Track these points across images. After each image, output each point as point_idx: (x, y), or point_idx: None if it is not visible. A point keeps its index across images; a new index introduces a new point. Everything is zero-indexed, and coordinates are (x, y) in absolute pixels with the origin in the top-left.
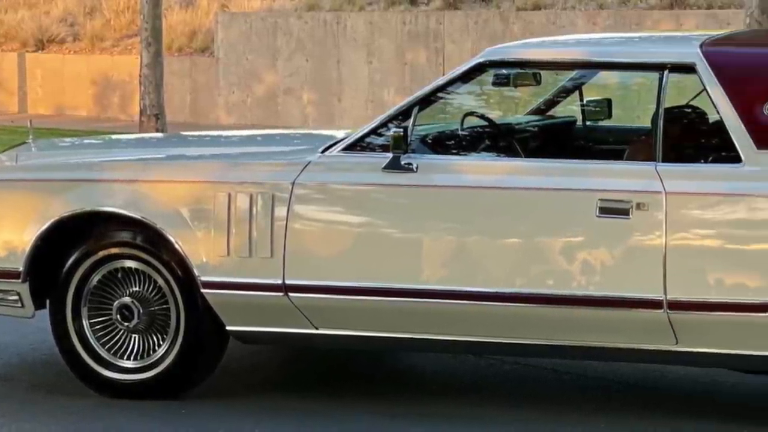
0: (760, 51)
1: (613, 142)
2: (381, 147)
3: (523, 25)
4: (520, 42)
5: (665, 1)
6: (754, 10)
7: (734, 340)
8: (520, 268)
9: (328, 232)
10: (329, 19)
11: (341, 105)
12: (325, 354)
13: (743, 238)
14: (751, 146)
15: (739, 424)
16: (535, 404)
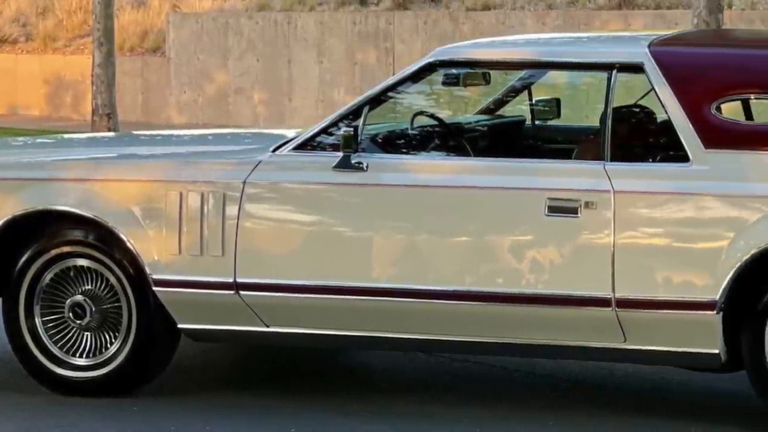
0: (708, 51)
1: (561, 142)
2: (331, 146)
3: (473, 26)
4: (470, 42)
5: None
6: (702, 11)
7: (682, 338)
8: (469, 266)
9: (279, 231)
10: (280, 20)
11: (292, 104)
12: (277, 351)
13: (691, 236)
14: (698, 145)
15: (686, 422)
16: (485, 401)
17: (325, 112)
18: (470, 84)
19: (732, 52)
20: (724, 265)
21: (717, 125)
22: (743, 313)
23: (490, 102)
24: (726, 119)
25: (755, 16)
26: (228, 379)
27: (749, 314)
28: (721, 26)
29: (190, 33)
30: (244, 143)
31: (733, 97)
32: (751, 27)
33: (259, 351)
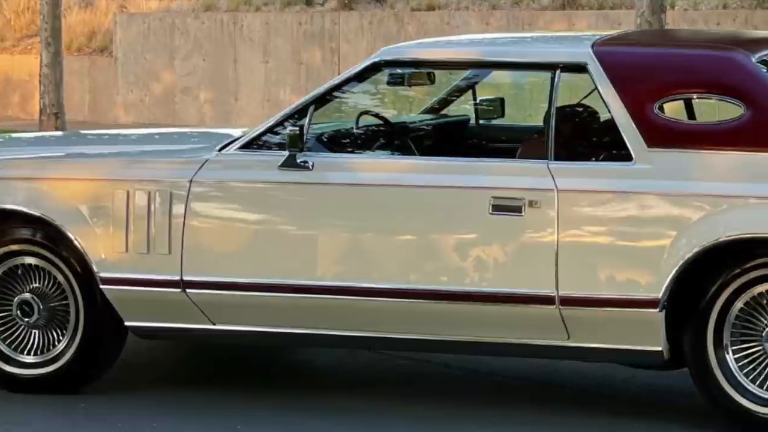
0: (651, 51)
1: (506, 141)
2: (277, 145)
3: (418, 26)
4: (415, 42)
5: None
6: (645, 11)
7: (625, 336)
8: (414, 264)
9: (225, 229)
10: (226, 20)
11: (238, 104)
12: (223, 349)
13: (634, 235)
14: (641, 145)
15: (630, 418)
16: (428, 399)
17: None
18: (415, 83)
19: (674, 52)
20: (667, 264)
21: (659, 124)
22: (686, 310)
23: (434, 101)
24: (668, 118)
25: (697, 16)
26: (174, 376)
27: (692, 312)
28: (663, 26)
29: (137, 33)
30: (190, 142)
31: (676, 97)
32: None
33: (206, 348)
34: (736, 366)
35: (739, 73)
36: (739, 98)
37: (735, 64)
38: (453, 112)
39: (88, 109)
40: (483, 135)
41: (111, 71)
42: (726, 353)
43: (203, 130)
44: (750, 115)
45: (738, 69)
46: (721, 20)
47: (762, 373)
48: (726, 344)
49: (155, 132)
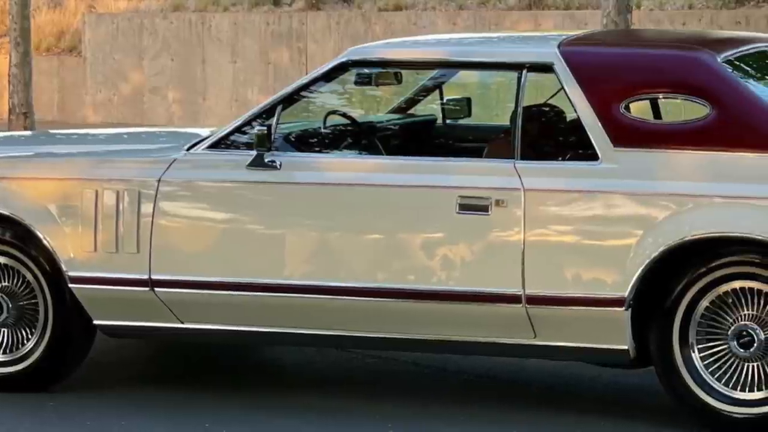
0: (617, 51)
1: (472, 140)
2: (245, 145)
3: (385, 26)
4: (382, 42)
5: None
6: (611, 11)
7: (591, 335)
8: (381, 263)
9: (194, 229)
10: (194, 20)
11: (206, 104)
12: (192, 348)
13: (600, 234)
14: (607, 144)
15: (596, 417)
16: (397, 397)
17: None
18: (382, 83)
19: (640, 52)
20: (633, 263)
21: (626, 124)
22: (652, 309)
23: (401, 101)
24: (634, 118)
25: (663, 16)
26: (143, 375)
27: (657, 311)
28: (629, 26)
29: (106, 33)
30: (159, 142)
31: (642, 97)
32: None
33: (174, 347)
34: (702, 364)
35: (704, 73)
36: (704, 98)
37: (700, 64)
38: (420, 112)
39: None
40: (450, 134)
41: (80, 71)
42: (692, 352)
43: (171, 130)
44: (715, 114)
45: (703, 69)
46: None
47: (727, 371)
48: (692, 343)
49: (124, 132)
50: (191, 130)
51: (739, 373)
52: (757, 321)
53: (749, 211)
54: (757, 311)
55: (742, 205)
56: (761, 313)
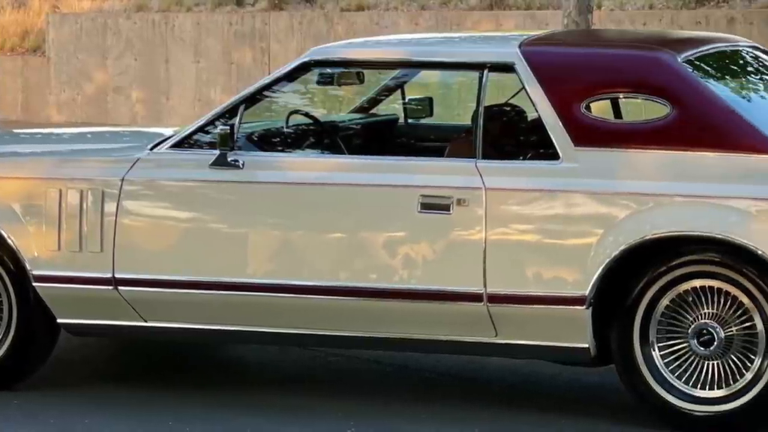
0: (577, 51)
1: (434, 140)
2: (208, 144)
3: (347, 26)
4: (344, 42)
5: (485, 2)
6: (572, 11)
7: (552, 333)
8: (344, 262)
9: (157, 227)
10: (158, 20)
11: (169, 103)
12: (155, 346)
13: (561, 233)
14: (568, 144)
15: (556, 415)
16: (359, 395)
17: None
18: (344, 83)
19: (601, 52)
20: (594, 261)
21: (586, 124)
22: (612, 308)
23: (363, 101)
24: (595, 118)
25: (624, 17)
26: (107, 373)
27: (618, 309)
28: (590, 26)
29: (70, 33)
30: (122, 141)
31: (602, 96)
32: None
33: (138, 345)
34: (662, 363)
35: (665, 72)
36: (665, 98)
37: (661, 64)
38: (382, 112)
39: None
40: (412, 134)
41: (44, 71)
42: (652, 350)
43: (135, 129)
44: (676, 114)
45: (664, 69)
46: (648, 20)
47: (688, 369)
48: (652, 341)
49: (87, 131)
50: (155, 130)
51: (699, 371)
52: (717, 319)
53: (709, 210)
54: (717, 310)
55: (702, 204)
56: (721, 312)
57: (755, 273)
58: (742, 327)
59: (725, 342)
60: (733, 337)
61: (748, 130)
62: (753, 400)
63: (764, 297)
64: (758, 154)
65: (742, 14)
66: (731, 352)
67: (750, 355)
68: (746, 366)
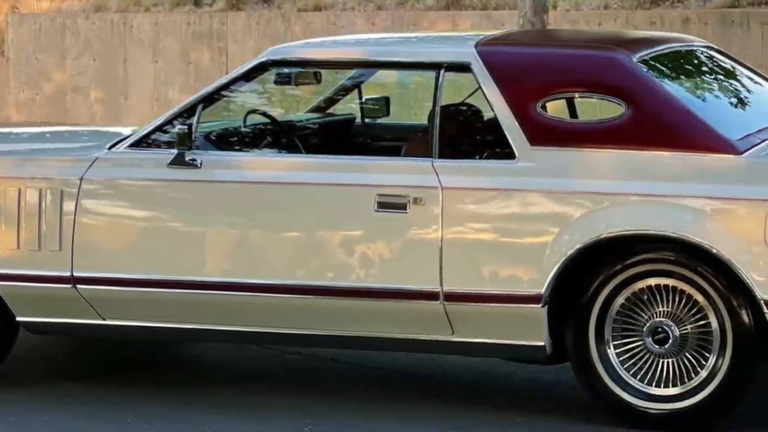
0: (533, 50)
1: (391, 139)
2: (166, 144)
3: (304, 26)
4: (302, 42)
5: (441, 2)
6: (528, 11)
7: (508, 331)
8: (301, 260)
9: (115, 226)
10: (116, 20)
11: (128, 103)
12: (115, 344)
13: (517, 232)
14: (524, 143)
15: (512, 412)
16: (316, 393)
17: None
18: (302, 83)
19: (556, 52)
20: (550, 260)
21: (542, 123)
22: (568, 306)
23: (320, 100)
24: (551, 117)
25: (579, 17)
26: (66, 371)
27: (574, 308)
28: (546, 26)
29: (29, 33)
30: (81, 140)
31: (558, 96)
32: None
33: (97, 343)
34: (618, 361)
35: (620, 72)
36: (620, 97)
37: (616, 64)
38: (339, 111)
39: None
40: (368, 133)
41: (3, 71)
42: (607, 348)
43: (94, 129)
44: (631, 114)
45: (619, 69)
46: (603, 21)
47: (643, 367)
48: (607, 339)
49: (47, 130)
50: (113, 129)
51: (654, 369)
52: (671, 318)
53: (664, 209)
54: (671, 308)
55: (656, 203)
56: (676, 310)
57: (710, 271)
58: (697, 325)
59: (680, 340)
60: (687, 335)
61: (703, 129)
62: (708, 398)
63: (719, 295)
64: (712, 153)
65: (696, 14)
66: (686, 350)
67: (705, 353)
68: (701, 364)
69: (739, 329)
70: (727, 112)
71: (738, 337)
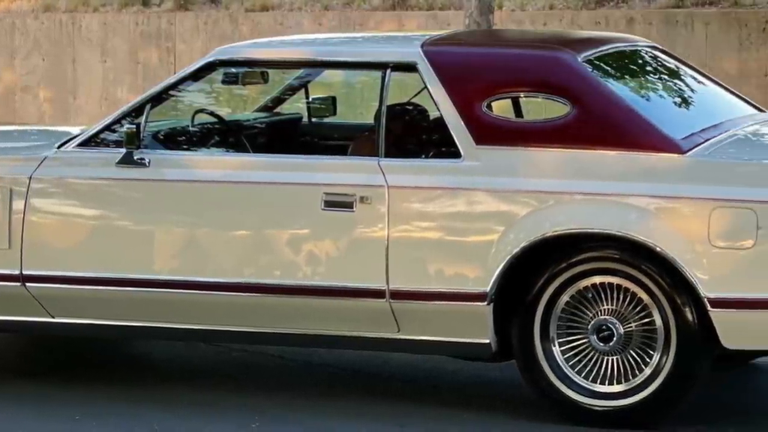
0: (479, 50)
1: (338, 138)
2: (115, 143)
3: (252, 26)
4: (249, 42)
5: (388, 3)
6: (473, 11)
7: (454, 329)
8: (248, 259)
9: (64, 225)
10: (65, 20)
11: (76, 102)
12: (64, 342)
13: (463, 230)
14: (470, 142)
15: (458, 409)
16: (264, 390)
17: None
18: (249, 82)
19: (502, 52)
20: (495, 258)
21: (488, 122)
22: (514, 304)
23: (268, 100)
24: (496, 117)
25: (524, 17)
26: (15, 369)
27: (519, 305)
28: (491, 26)
29: None
30: (30, 140)
31: (503, 96)
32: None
33: (46, 341)
34: (562, 358)
35: (564, 72)
36: (564, 97)
37: (561, 64)
38: (286, 111)
39: None
40: (315, 133)
41: None
42: (552, 346)
43: (43, 128)
44: (575, 113)
45: (564, 68)
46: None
47: (587, 365)
48: (552, 337)
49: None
50: (62, 129)
51: (599, 366)
52: (616, 315)
53: (608, 208)
54: (616, 306)
55: (601, 202)
56: (621, 308)
57: (654, 270)
58: (641, 323)
59: (624, 338)
60: (632, 332)
61: (647, 128)
62: (652, 395)
63: (663, 293)
64: (657, 152)
65: (641, 14)
66: (630, 348)
67: (649, 351)
68: (645, 361)
69: (683, 327)
70: (671, 111)
71: (682, 335)
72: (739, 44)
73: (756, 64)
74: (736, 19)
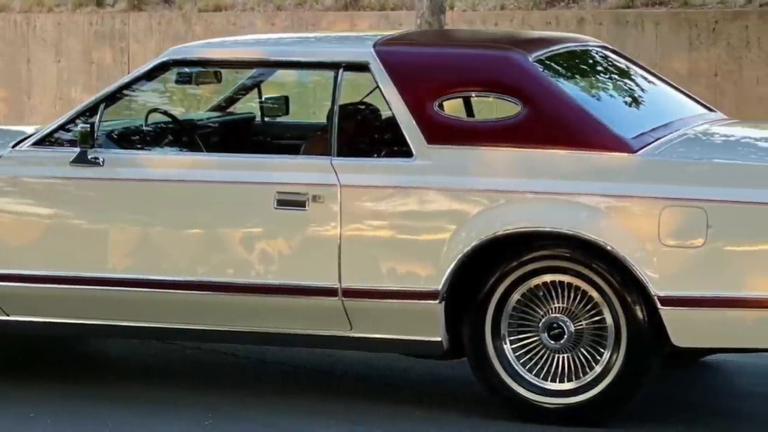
0: (430, 50)
1: (290, 138)
2: (69, 142)
3: (205, 26)
4: (203, 42)
5: (340, 3)
6: (425, 12)
7: (406, 327)
8: (201, 257)
9: (19, 224)
10: (19, 20)
11: (31, 102)
12: (18, 339)
13: (414, 229)
14: (422, 141)
15: (410, 407)
16: (217, 387)
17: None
18: (202, 82)
19: (453, 52)
20: (447, 257)
21: (439, 122)
22: (465, 302)
23: (221, 99)
24: (448, 116)
25: (476, 17)
26: None
27: (471, 304)
28: (443, 26)
29: None
30: None
31: (455, 95)
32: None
33: (0, 339)
34: (514, 356)
35: (515, 72)
36: (515, 96)
37: (512, 64)
38: (239, 110)
39: None
40: (268, 132)
41: None
42: (504, 343)
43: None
44: (526, 112)
45: (515, 68)
46: (499, 21)
47: (538, 362)
48: (504, 335)
49: None
50: (16, 128)
51: (549, 364)
52: (567, 313)
53: (559, 206)
54: (567, 304)
55: (552, 200)
56: (571, 306)
57: (604, 268)
58: (592, 321)
59: (575, 336)
60: (582, 330)
61: (598, 128)
62: (602, 393)
63: (613, 292)
64: (607, 151)
65: (591, 15)
66: (581, 346)
67: (599, 349)
68: (596, 359)
69: (633, 325)
70: (621, 111)
71: (632, 334)
72: (689, 44)
73: (706, 64)
74: (686, 19)
